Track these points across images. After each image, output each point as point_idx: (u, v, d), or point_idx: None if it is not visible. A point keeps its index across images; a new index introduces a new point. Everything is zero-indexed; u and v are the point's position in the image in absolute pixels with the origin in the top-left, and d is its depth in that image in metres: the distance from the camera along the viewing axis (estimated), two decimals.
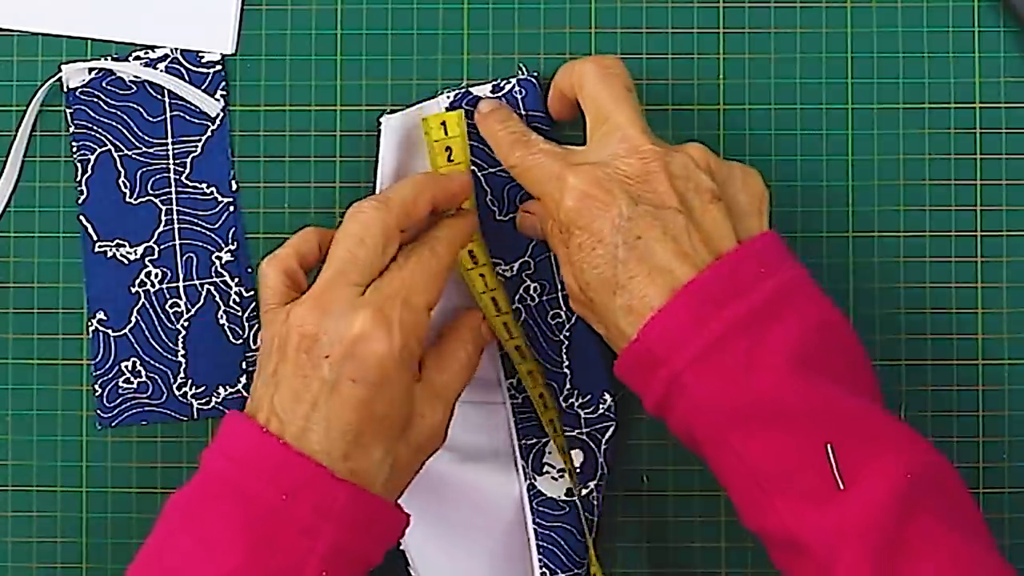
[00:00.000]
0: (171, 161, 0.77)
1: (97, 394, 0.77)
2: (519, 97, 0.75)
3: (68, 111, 0.77)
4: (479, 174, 0.75)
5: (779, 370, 0.63)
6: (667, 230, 0.65)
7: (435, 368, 0.70)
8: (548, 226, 0.69)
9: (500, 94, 0.75)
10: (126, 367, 0.77)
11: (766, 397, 0.63)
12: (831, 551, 0.62)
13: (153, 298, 0.77)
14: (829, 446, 0.63)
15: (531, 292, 0.75)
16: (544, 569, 0.74)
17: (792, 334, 0.64)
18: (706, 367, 0.64)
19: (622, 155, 0.67)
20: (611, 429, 0.74)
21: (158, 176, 0.77)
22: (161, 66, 0.77)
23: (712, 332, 0.63)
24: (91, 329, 0.77)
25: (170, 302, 0.77)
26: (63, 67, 0.77)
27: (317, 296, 0.66)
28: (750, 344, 0.63)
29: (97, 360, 0.77)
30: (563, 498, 0.75)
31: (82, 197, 0.77)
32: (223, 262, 0.77)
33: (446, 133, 0.74)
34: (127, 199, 0.77)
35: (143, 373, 0.77)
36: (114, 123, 0.77)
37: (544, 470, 0.75)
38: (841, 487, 0.63)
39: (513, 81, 0.75)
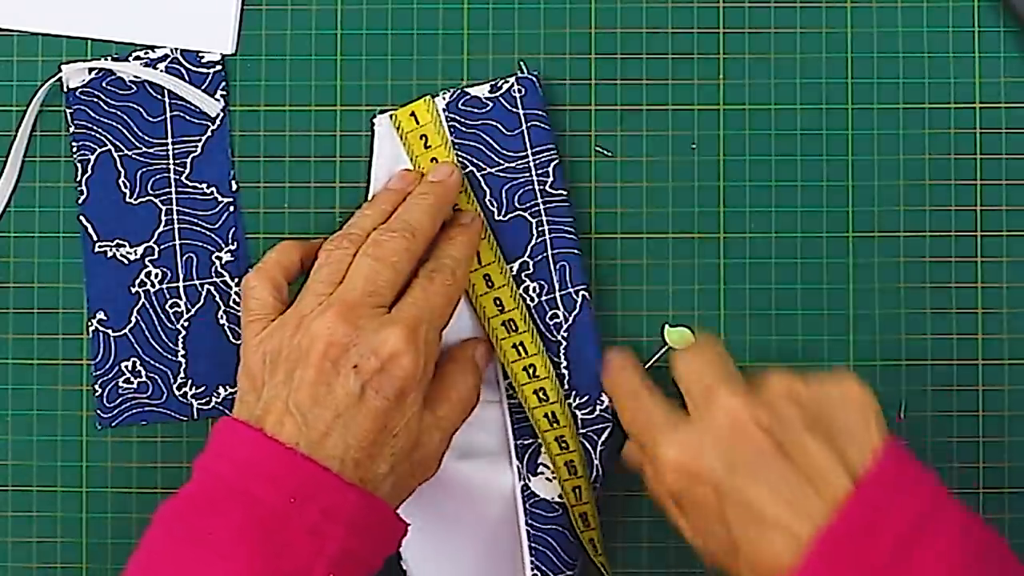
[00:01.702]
0: (171, 161, 0.77)
1: (97, 394, 0.77)
2: (518, 96, 0.75)
3: (68, 111, 0.77)
4: (478, 174, 0.75)
5: None
6: (770, 484, 0.63)
7: (436, 399, 0.71)
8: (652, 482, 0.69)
9: (498, 93, 0.75)
10: (126, 367, 0.77)
11: None
12: None
13: (153, 298, 0.77)
14: None
15: (530, 292, 0.75)
16: (536, 571, 0.74)
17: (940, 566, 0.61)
18: None
19: (710, 417, 0.66)
20: (608, 430, 0.74)
21: (158, 176, 0.77)
22: (161, 66, 0.77)
23: None
24: (91, 329, 0.77)
25: (170, 302, 0.77)
26: (63, 67, 0.77)
27: (344, 310, 0.67)
28: None
29: (97, 360, 0.77)
30: (556, 500, 0.75)
31: (82, 197, 0.77)
32: (223, 262, 0.77)
33: (418, 122, 0.75)
34: (127, 199, 0.77)
35: (143, 373, 0.77)
36: (114, 123, 0.77)
37: (539, 471, 0.75)
38: None
39: (512, 80, 0.75)
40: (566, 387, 0.75)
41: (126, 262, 0.77)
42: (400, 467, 0.68)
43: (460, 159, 0.75)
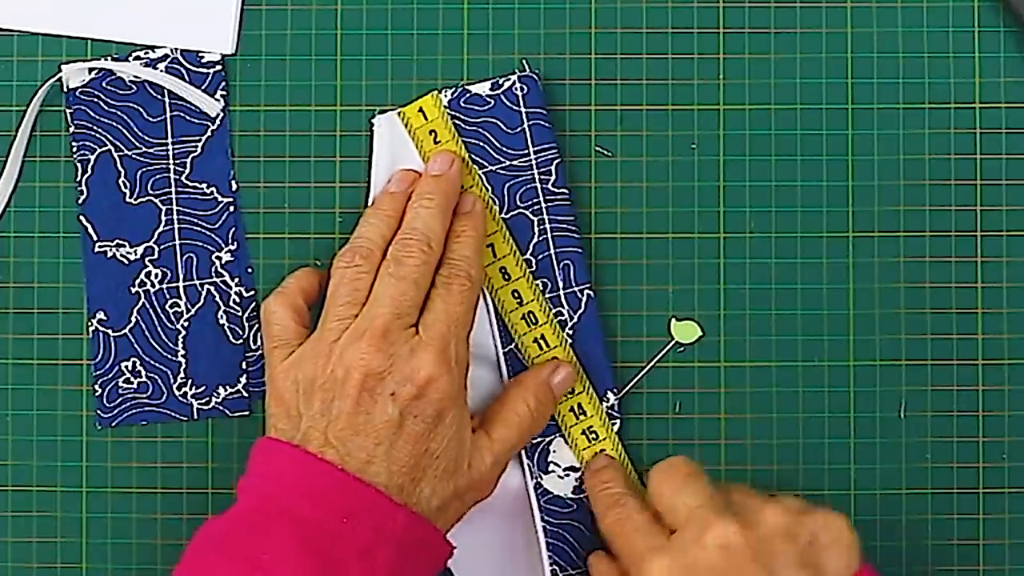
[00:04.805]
0: (171, 161, 0.77)
1: (97, 394, 0.77)
2: (520, 94, 0.75)
3: (68, 111, 0.77)
4: (480, 172, 0.75)
5: None
6: None
7: (493, 420, 0.71)
8: None
9: (500, 91, 0.75)
10: (126, 367, 0.77)
11: None
12: None
13: (153, 298, 0.77)
14: None
15: None
16: (554, 566, 0.74)
17: None
18: None
19: (701, 545, 0.66)
20: (615, 427, 0.75)
21: (158, 176, 0.77)
22: (161, 66, 0.77)
23: None
24: (91, 329, 0.77)
25: (170, 302, 0.77)
26: (63, 67, 0.77)
27: (376, 338, 0.68)
28: None
29: (97, 360, 0.77)
30: (570, 496, 0.75)
31: (82, 197, 0.77)
32: (223, 262, 0.77)
33: (426, 118, 0.75)
34: (127, 199, 0.77)
35: (143, 373, 0.76)
36: (114, 123, 0.77)
37: (550, 469, 0.75)
38: None
39: (513, 78, 0.75)
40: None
41: (126, 262, 0.77)
42: (444, 488, 0.68)
43: None
